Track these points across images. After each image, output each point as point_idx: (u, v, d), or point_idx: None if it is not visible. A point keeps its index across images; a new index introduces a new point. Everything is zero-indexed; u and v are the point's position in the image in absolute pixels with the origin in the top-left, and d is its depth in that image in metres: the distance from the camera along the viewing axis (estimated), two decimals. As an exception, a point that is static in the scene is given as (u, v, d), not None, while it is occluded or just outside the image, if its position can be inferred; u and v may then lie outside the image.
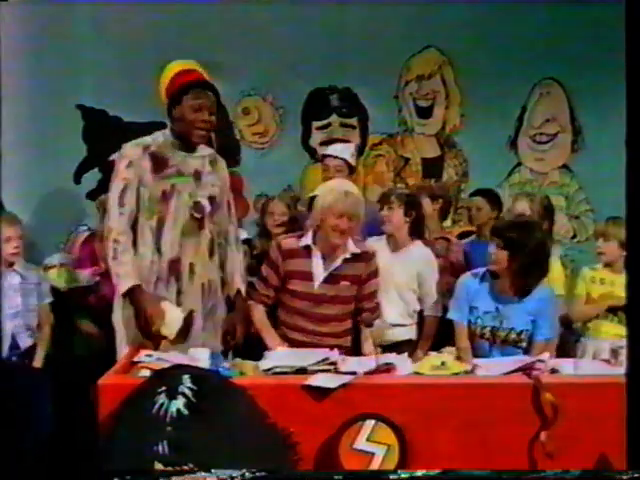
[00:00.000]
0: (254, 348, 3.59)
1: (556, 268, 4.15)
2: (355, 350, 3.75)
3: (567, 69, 5.53)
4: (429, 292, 4.16)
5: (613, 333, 4.21)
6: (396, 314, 4.14)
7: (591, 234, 5.28)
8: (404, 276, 4.13)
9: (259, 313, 3.79)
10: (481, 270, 3.75)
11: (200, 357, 3.15)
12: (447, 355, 3.41)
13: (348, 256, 3.71)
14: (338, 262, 3.70)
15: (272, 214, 4.67)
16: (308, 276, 3.69)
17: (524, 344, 3.63)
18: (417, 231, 4.21)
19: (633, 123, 2.56)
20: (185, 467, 2.81)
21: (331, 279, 3.69)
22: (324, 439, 2.94)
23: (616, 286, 4.26)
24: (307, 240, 3.71)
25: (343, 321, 3.75)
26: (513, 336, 3.62)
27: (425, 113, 5.80)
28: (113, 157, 5.21)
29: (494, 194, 4.93)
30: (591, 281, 4.33)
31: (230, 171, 5.67)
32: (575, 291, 4.38)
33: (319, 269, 3.69)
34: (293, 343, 3.67)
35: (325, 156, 4.74)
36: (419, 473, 2.80)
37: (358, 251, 3.73)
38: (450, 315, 3.76)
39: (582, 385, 3.08)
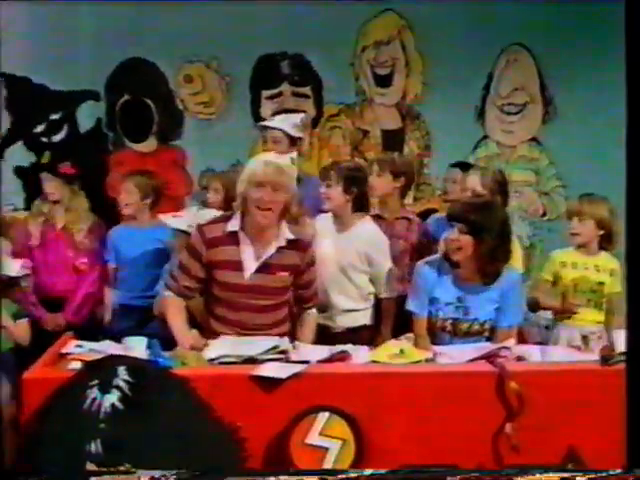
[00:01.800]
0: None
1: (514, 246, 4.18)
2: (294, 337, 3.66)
3: (536, 35, 5.57)
4: (380, 273, 4.16)
5: (591, 320, 4.23)
6: (347, 299, 4.14)
7: (562, 212, 5.31)
8: (351, 257, 4.11)
9: (174, 306, 3.66)
10: (436, 258, 3.76)
11: (136, 346, 3.14)
12: (406, 342, 3.43)
13: (282, 244, 3.59)
14: (271, 250, 3.58)
15: (215, 191, 4.65)
16: (237, 266, 3.58)
17: (487, 333, 3.66)
18: (362, 208, 4.17)
19: (633, 123, 2.63)
20: (121, 467, 2.80)
21: (264, 269, 3.59)
22: (274, 434, 2.95)
23: (590, 270, 4.28)
24: (234, 225, 3.60)
25: (278, 310, 3.67)
26: (476, 327, 3.64)
27: (384, 82, 5.80)
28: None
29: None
30: (562, 265, 4.34)
31: (172, 145, 5.78)
32: (542, 275, 4.40)
33: (249, 258, 3.58)
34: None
35: (264, 127, 4.73)
36: (367, 472, 2.83)
37: (293, 237, 3.62)
38: (408, 306, 3.75)
39: (550, 373, 3.13)
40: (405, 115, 5.84)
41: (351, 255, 4.11)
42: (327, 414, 2.91)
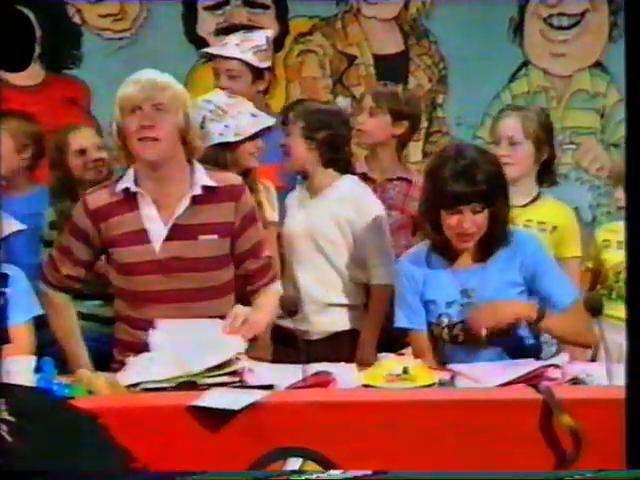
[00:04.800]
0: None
1: (562, 213, 4.32)
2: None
3: None
4: (370, 249, 4.24)
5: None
6: (325, 289, 4.26)
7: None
8: (326, 229, 4.23)
9: (59, 313, 3.82)
10: (422, 248, 3.82)
11: (18, 369, 3.17)
12: (411, 358, 3.47)
13: (197, 192, 3.66)
14: (184, 204, 3.65)
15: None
16: (141, 236, 3.66)
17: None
18: (336, 164, 4.27)
19: (633, 124, 2.81)
20: None
21: (180, 233, 3.65)
22: (223, 489, 3.01)
23: None
24: (127, 182, 3.68)
25: (215, 300, 3.71)
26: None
27: (377, -16, 5.87)
28: None
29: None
30: (604, 245, 4.48)
31: (67, 75, 5.79)
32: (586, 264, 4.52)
33: (155, 222, 3.66)
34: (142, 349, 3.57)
35: (212, 56, 4.82)
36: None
37: (213, 184, 3.69)
38: (399, 322, 3.81)
39: (620, 402, 3.17)
40: (408, 33, 5.89)
41: (326, 226, 4.23)
42: (299, 460, 2.98)
